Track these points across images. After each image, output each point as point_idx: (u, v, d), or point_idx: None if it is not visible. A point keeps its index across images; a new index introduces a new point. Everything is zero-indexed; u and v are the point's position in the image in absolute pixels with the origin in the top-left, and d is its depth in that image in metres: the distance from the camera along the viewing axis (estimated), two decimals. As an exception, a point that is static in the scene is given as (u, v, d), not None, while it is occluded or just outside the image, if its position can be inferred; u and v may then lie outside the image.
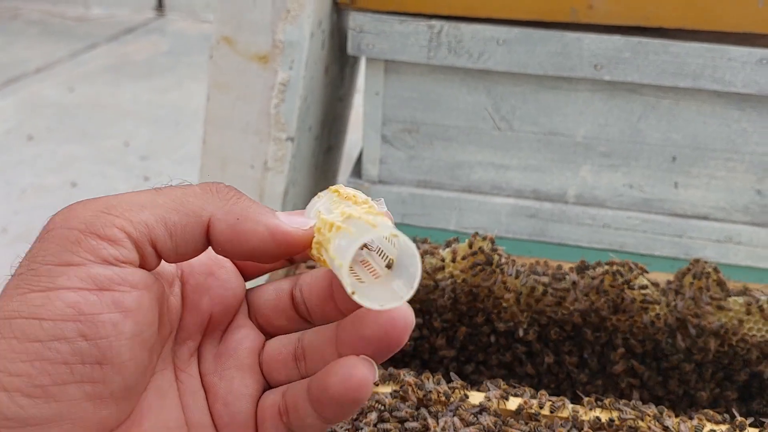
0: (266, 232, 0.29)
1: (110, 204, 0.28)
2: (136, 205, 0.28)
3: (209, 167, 0.91)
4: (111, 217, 0.27)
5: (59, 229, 0.27)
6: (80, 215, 0.27)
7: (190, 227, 0.28)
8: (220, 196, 0.29)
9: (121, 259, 0.27)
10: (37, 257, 0.27)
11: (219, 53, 0.84)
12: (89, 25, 3.64)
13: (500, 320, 0.62)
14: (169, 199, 0.28)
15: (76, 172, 2.06)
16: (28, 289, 0.26)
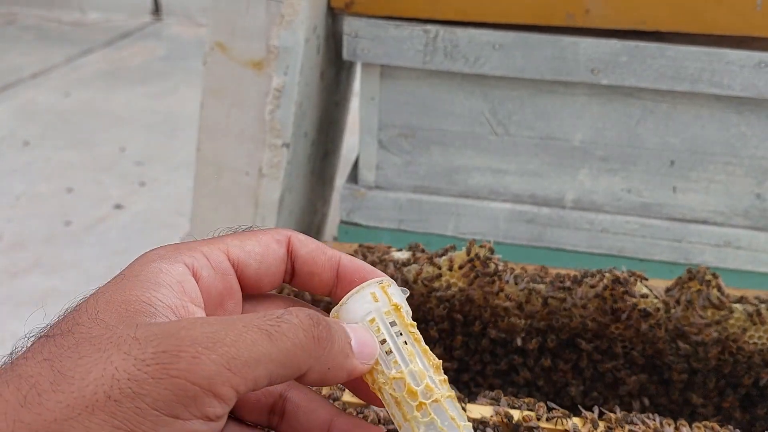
0: (346, 377, 0.30)
1: (232, 356, 0.26)
2: (253, 360, 0.26)
3: (204, 174, 0.90)
4: (230, 374, 0.26)
5: (178, 378, 0.25)
6: (205, 366, 0.25)
7: (287, 378, 0.29)
8: (320, 346, 0.29)
9: (220, 415, 0.26)
10: (146, 397, 0.25)
11: (213, 59, 0.84)
12: (85, 30, 3.63)
13: (497, 329, 0.61)
14: (282, 351, 0.27)
15: (70, 179, 2.04)
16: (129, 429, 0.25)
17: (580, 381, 0.62)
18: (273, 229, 0.34)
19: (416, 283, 0.61)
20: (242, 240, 0.32)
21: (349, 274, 0.33)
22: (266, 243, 0.32)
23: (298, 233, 0.34)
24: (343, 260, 0.33)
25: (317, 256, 0.33)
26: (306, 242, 0.33)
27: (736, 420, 0.61)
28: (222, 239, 0.32)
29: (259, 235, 0.33)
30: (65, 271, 1.62)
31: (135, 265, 0.30)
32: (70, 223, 1.82)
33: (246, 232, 0.33)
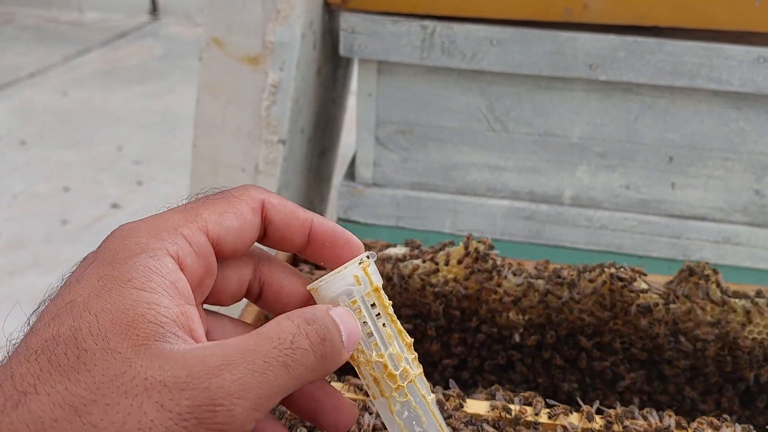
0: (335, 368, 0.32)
1: (259, 397, 0.28)
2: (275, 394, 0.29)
3: (200, 171, 0.89)
4: (258, 413, 0.28)
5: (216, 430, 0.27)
6: (239, 414, 0.27)
7: None
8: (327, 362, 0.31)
9: None
10: None
11: (208, 55, 0.83)
12: (83, 29, 3.63)
13: (495, 325, 0.61)
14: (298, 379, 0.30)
15: (68, 178, 2.04)
16: None
17: (578, 377, 0.62)
18: (246, 193, 0.33)
19: (412, 278, 0.61)
20: (220, 214, 0.31)
21: (321, 237, 0.34)
22: (243, 214, 0.32)
23: (271, 195, 0.33)
24: (314, 224, 0.34)
25: (290, 222, 0.33)
26: (279, 207, 0.33)
27: (736, 414, 0.61)
28: (198, 214, 0.31)
29: (236, 204, 0.32)
30: (63, 270, 1.62)
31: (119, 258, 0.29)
32: (68, 222, 1.82)
33: (220, 200, 0.32)
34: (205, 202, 0.32)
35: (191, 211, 0.31)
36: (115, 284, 0.28)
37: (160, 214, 0.31)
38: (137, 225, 0.31)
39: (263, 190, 0.33)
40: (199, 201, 0.32)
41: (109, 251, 0.30)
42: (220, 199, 0.32)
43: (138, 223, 0.31)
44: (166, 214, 0.31)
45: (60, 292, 0.30)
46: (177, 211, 0.31)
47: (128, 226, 0.31)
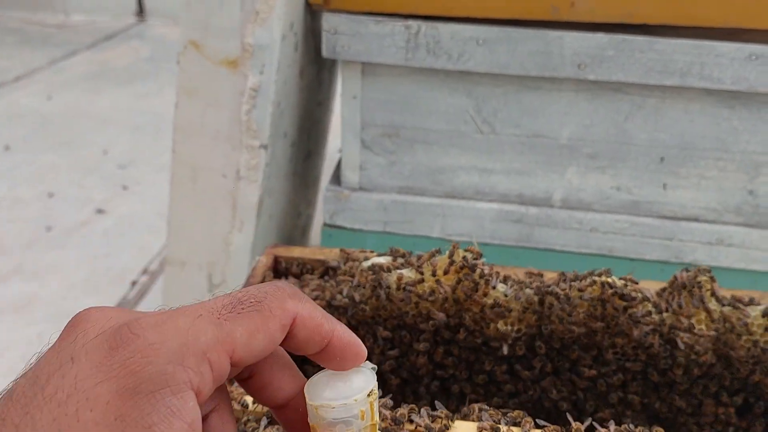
0: None
1: None
2: None
3: (180, 176, 0.87)
4: None
5: None
6: None
7: None
8: None
9: None
10: None
11: (187, 58, 0.80)
12: (69, 32, 3.58)
13: (483, 336, 0.59)
14: None
15: (53, 183, 2.00)
16: None
17: (570, 388, 0.60)
18: (282, 307, 0.30)
19: (398, 289, 0.59)
20: (251, 335, 0.29)
21: (334, 350, 0.32)
22: (272, 334, 0.30)
23: (304, 306, 0.31)
24: (334, 338, 0.32)
25: (312, 337, 0.31)
26: (307, 322, 0.31)
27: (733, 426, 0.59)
28: (230, 333, 0.28)
29: (269, 323, 0.30)
30: (46, 276, 1.59)
31: (140, 390, 0.26)
32: (52, 228, 1.79)
33: (255, 315, 0.29)
34: (239, 318, 0.29)
35: (224, 328, 0.28)
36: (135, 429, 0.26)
37: (191, 322, 0.28)
38: (164, 335, 0.27)
39: (298, 299, 0.31)
40: (234, 311, 0.29)
41: (131, 374, 0.27)
42: (256, 315, 0.29)
43: (165, 329, 0.28)
44: (198, 324, 0.28)
45: (59, 384, 0.27)
46: (209, 322, 0.28)
47: (154, 333, 0.27)
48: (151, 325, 0.28)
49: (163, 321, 0.28)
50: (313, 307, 0.32)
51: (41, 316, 1.43)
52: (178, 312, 0.29)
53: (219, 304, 0.29)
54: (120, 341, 0.27)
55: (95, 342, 0.27)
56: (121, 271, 1.60)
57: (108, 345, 0.27)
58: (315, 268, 0.67)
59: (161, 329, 0.28)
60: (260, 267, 0.64)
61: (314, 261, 0.67)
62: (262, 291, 0.30)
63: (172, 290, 0.96)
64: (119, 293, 1.53)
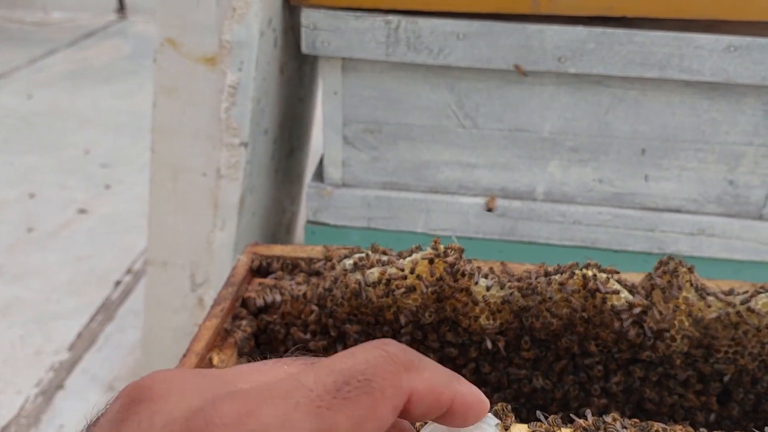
0: None
1: None
2: None
3: (159, 176, 0.86)
4: None
5: None
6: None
7: None
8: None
9: None
10: None
11: (163, 56, 0.79)
12: (49, 29, 3.54)
13: (466, 331, 0.59)
14: None
15: (33, 183, 1.98)
16: None
17: (555, 381, 0.60)
18: (396, 385, 0.25)
19: (378, 285, 0.58)
20: (358, 424, 0.24)
21: (457, 414, 0.28)
22: (383, 420, 0.25)
23: (421, 379, 0.26)
24: (455, 405, 0.27)
25: (429, 412, 0.27)
26: (424, 395, 0.26)
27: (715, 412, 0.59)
28: (334, 426, 0.23)
29: (380, 407, 0.24)
30: (28, 278, 1.57)
31: None
32: (33, 230, 1.77)
33: (363, 399, 0.24)
34: (345, 405, 0.24)
35: (326, 421, 0.23)
36: None
37: (284, 414, 0.23)
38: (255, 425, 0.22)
39: (414, 372, 0.26)
40: (338, 396, 0.24)
41: None
42: (364, 399, 0.24)
43: (251, 426, 0.22)
44: (293, 418, 0.23)
45: None
46: (307, 414, 0.23)
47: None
48: (234, 421, 0.22)
49: (249, 413, 0.22)
50: (432, 373, 0.26)
51: (24, 319, 1.41)
52: (267, 396, 0.23)
53: (320, 385, 0.24)
54: None
55: None
56: (104, 272, 1.59)
57: None
58: (297, 267, 0.66)
59: (246, 427, 0.22)
60: (241, 266, 0.64)
61: (296, 259, 0.67)
62: (371, 364, 0.25)
63: (155, 291, 0.95)
64: (103, 294, 1.51)
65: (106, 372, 1.29)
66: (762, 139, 0.90)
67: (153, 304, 0.95)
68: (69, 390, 1.25)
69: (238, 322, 0.60)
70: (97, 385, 1.26)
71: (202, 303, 0.91)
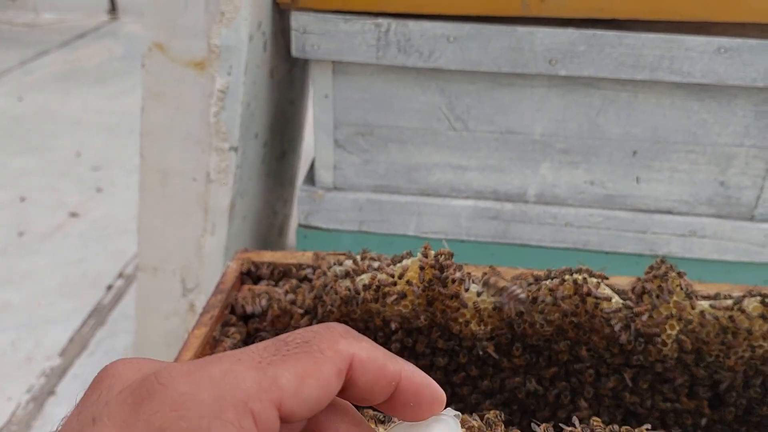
0: None
1: None
2: None
3: (149, 182, 0.85)
4: None
5: None
6: None
7: None
8: None
9: None
10: None
11: (152, 61, 0.79)
12: (39, 31, 3.52)
13: (457, 337, 0.58)
14: None
15: (24, 186, 1.97)
16: None
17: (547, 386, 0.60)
18: (334, 347, 0.26)
19: (369, 291, 0.58)
20: (301, 380, 0.25)
21: (405, 395, 0.28)
22: (326, 379, 0.26)
23: (360, 347, 0.27)
24: (402, 380, 0.28)
25: (376, 382, 0.27)
26: (367, 364, 0.27)
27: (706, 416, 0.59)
28: (276, 379, 0.25)
29: (321, 366, 0.26)
30: (19, 283, 1.56)
31: None
32: (24, 234, 1.75)
33: (303, 356, 0.25)
34: (285, 360, 0.25)
35: (267, 372, 0.25)
36: None
37: (228, 368, 0.24)
38: (197, 384, 0.24)
39: (353, 339, 0.27)
40: (278, 354, 0.25)
41: (155, 424, 0.23)
42: (304, 357, 0.26)
43: (198, 377, 0.24)
44: (236, 370, 0.25)
45: None
46: (249, 367, 0.25)
47: (185, 382, 0.24)
48: (182, 374, 0.24)
49: (196, 369, 0.24)
50: (372, 346, 0.28)
51: (15, 324, 1.40)
52: (214, 358, 0.25)
53: (260, 347, 0.26)
54: (146, 394, 0.23)
55: (119, 397, 0.24)
56: (96, 276, 1.58)
57: (132, 399, 0.24)
58: (287, 273, 0.66)
59: (193, 378, 0.24)
60: (230, 273, 0.63)
61: (286, 265, 0.66)
62: (309, 331, 0.27)
63: (146, 297, 0.95)
64: (95, 298, 1.50)
65: (98, 377, 1.28)
66: (753, 140, 0.90)
67: (144, 310, 0.95)
68: (60, 396, 1.25)
69: (227, 329, 0.60)
70: (89, 390, 1.25)
71: (193, 308, 0.90)
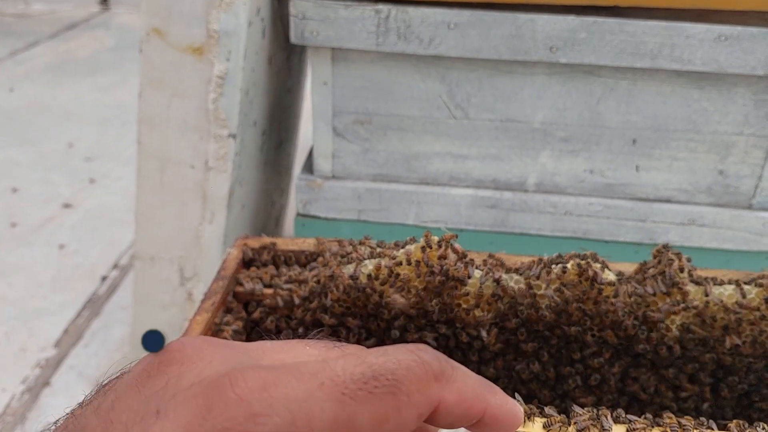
0: None
1: None
2: None
3: (147, 169, 0.84)
4: None
5: None
6: None
7: None
8: None
9: None
10: None
11: (150, 46, 0.78)
12: (30, 21, 3.48)
13: (462, 322, 0.58)
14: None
15: (16, 178, 1.95)
16: None
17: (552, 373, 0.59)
18: (425, 392, 0.24)
19: (373, 277, 0.58)
20: (377, 426, 0.23)
21: (486, 427, 0.27)
22: (405, 424, 0.24)
23: (452, 387, 0.25)
24: (485, 417, 0.26)
25: (457, 422, 0.26)
26: (451, 410, 0.25)
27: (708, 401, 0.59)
28: (353, 419, 0.23)
29: (403, 412, 0.23)
30: (12, 275, 1.54)
31: None
32: (16, 225, 1.74)
33: (387, 398, 0.23)
34: (369, 399, 0.23)
35: (346, 408, 0.23)
36: None
37: (308, 392, 0.22)
38: (272, 405, 0.22)
39: (445, 381, 0.25)
40: (364, 389, 0.23)
41: None
42: (389, 398, 0.23)
43: (275, 397, 0.22)
44: (317, 396, 0.22)
45: None
46: (331, 396, 0.23)
47: (260, 400, 0.22)
48: (259, 387, 0.22)
49: (275, 382, 0.22)
50: (464, 384, 0.25)
51: (8, 316, 1.39)
52: (295, 371, 0.23)
53: (348, 373, 0.23)
54: (218, 401, 0.22)
55: (187, 394, 0.22)
56: (90, 267, 1.57)
57: (203, 401, 0.22)
58: (288, 259, 0.65)
59: (270, 395, 0.22)
60: (231, 259, 0.63)
61: (287, 252, 0.66)
62: (403, 366, 0.24)
63: (143, 286, 0.94)
64: (89, 289, 1.49)
65: (93, 368, 1.27)
66: (752, 129, 0.90)
67: (141, 300, 0.94)
68: (55, 387, 1.24)
69: (228, 316, 0.59)
70: (84, 381, 1.25)
71: (191, 297, 0.89)
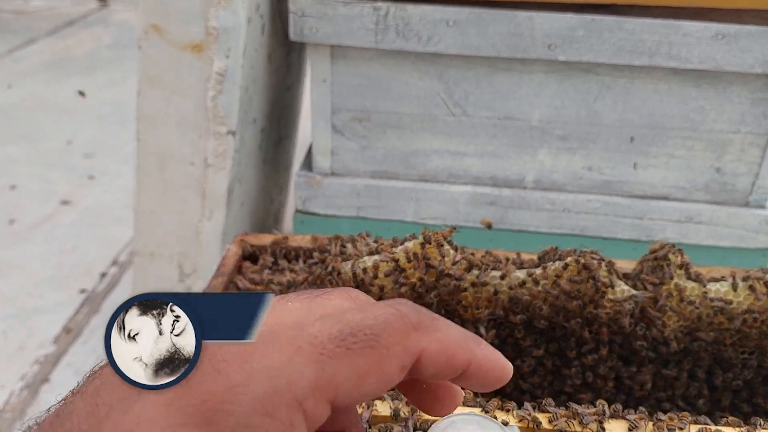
0: None
1: None
2: None
3: (146, 166, 0.84)
4: None
5: None
6: None
7: None
8: None
9: None
10: None
11: (148, 44, 0.78)
12: (28, 18, 3.47)
13: (460, 319, 0.58)
14: None
15: (14, 175, 1.95)
16: None
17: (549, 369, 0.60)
18: (404, 342, 0.24)
19: (371, 273, 0.58)
20: (360, 378, 0.23)
21: (472, 378, 0.26)
22: (387, 378, 0.24)
23: (432, 336, 0.25)
24: (471, 368, 0.26)
25: (440, 373, 0.26)
26: (433, 359, 0.25)
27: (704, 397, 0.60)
28: (334, 376, 0.23)
29: (385, 364, 0.24)
30: (10, 273, 1.54)
31: None
32: (15, 222, 1.74)
33: (368, 352, 0.23)
34: (349, 355, 0.23)
35: (327, 369, 0.23)
36: None
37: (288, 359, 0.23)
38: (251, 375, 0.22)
39: (424, 331, 0.25)
40: (342, 345, 0.23)
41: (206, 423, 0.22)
42: (369, 353, 0.23)
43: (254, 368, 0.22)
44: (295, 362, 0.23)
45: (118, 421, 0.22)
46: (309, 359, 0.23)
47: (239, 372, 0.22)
48: (237, 358, 0.22)
49: (252, 352, 0.23)
50: (446, 334, 0.25)
51: (6, 314, 1.39)
52: (272, 339, 0.23)
53: (324, 333, 0.23)
54: (197, 376, 0.22)
55: None
56: (89, 264, 1.57)
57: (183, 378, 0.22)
58: (288, 255, 0.66)
59: (248, 366, 0.22)
60: (230, 256, 0.63)
61: (285, 248, 0.66)
62: (380, 320, 0.24)
63: (142, 282, 0.94)
64: (88, 286, 1.49)
65: (92, 365, 1.27)
66: (749, 126, 0.91)
67: (140, 296, 0.94)
68: (54, 383, 1.24)
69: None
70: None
71: (190, 294, 0.90)
